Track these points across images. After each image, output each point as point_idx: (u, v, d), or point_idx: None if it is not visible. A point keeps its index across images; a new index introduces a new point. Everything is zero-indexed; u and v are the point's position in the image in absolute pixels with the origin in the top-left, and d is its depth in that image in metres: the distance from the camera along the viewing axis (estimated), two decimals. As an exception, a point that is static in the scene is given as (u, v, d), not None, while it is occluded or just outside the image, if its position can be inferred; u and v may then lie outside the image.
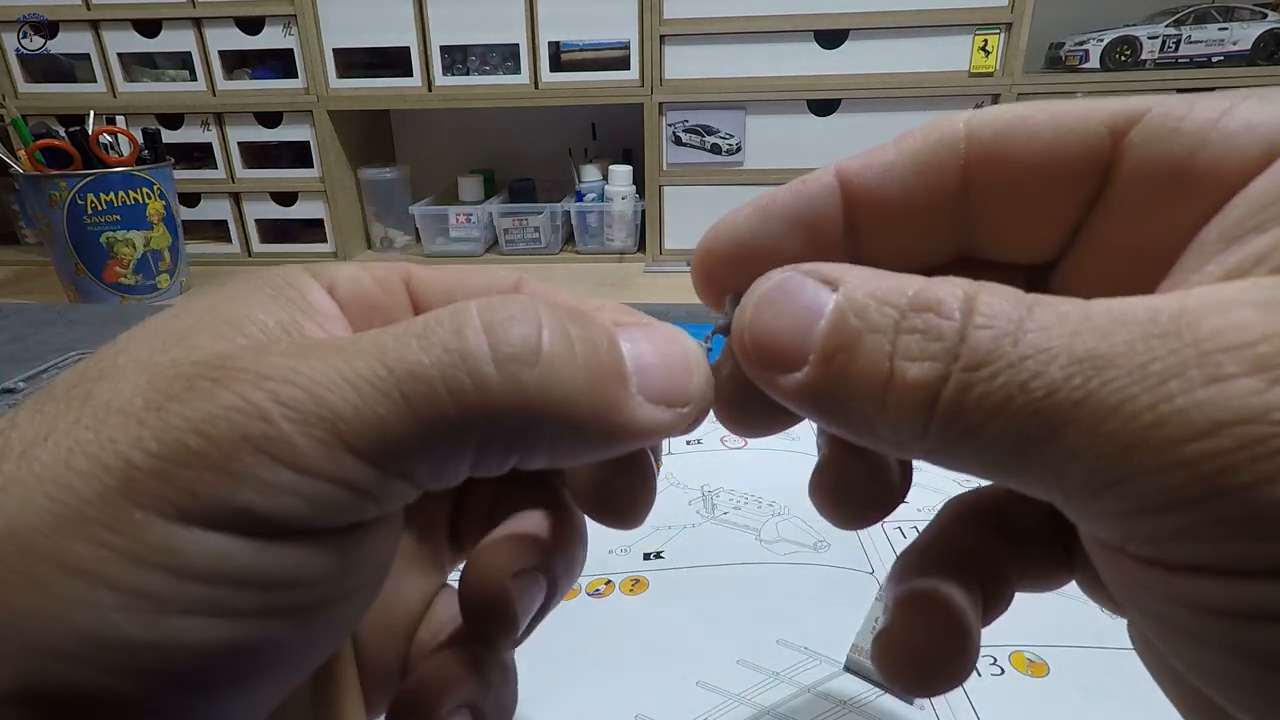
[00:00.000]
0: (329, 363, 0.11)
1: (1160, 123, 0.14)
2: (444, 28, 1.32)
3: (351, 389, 0.11)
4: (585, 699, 0.31)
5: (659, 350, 0.14)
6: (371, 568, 0.13)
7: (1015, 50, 1.22)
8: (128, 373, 0.12)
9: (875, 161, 0.16)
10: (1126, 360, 0.10)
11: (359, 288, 0.16)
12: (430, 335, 0.12)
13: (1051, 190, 0.15)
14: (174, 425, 0.10)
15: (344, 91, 1.39)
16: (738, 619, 0.35)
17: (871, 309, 0.12)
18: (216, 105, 1.42)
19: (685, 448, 0.50)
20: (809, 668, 0.32)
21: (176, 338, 0.13)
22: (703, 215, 1.37)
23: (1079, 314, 0.11)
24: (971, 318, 0.11)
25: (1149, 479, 0.10)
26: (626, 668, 0.32)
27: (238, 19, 1.36)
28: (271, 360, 0.11)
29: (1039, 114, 0.15)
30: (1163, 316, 0.10)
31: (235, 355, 0.11)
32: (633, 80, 1.31)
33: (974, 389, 0.11)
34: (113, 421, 0.11)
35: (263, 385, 0.11)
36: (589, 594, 0.37)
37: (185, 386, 0.11)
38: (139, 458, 0.10)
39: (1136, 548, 0.11)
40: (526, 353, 0.12)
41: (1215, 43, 1.21)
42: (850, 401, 0.12)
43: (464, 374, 0.12)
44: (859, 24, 1.24)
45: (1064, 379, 0.10)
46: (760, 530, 0.41)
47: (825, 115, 1.31)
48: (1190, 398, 0.09)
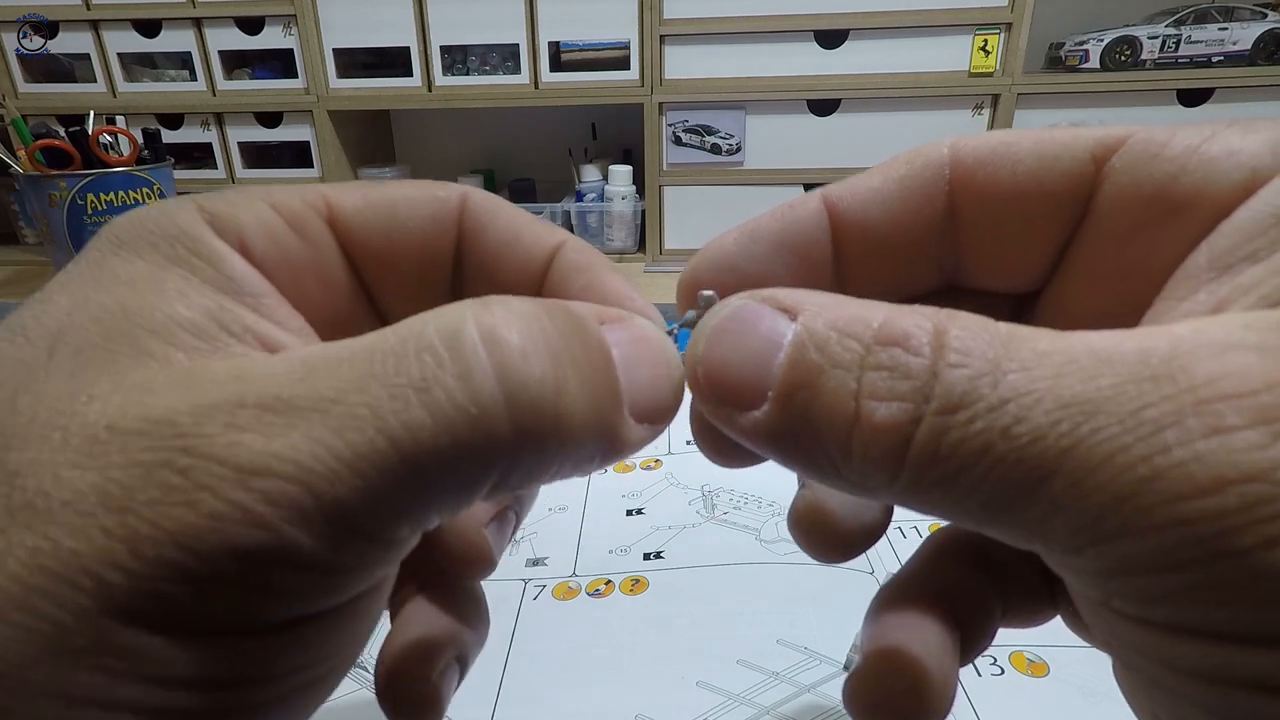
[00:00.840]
0: (316, 437, 0.09)
1: (1142, 148, 0.13)
2: (444, 28, 1.32)
3: (353, 474, 0.10)
4: (585, 699, 0.31)
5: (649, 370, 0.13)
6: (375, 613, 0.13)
7: (1015, 50, 1.22)
8: (48, 433, 0.10)
9: (861, 187, 0.15)
10: (1117, 406, 0.09)
11: (276, 243, 0.14)
12: (431, 386, 0.10)
13: (1035, 215, 0.15)
14: (149, 536, 0.09)
15: (344, 91, 1.39)
16: (738, 619, 0.35)
17: (833, 342, 0.11)
18: (216, 105, 1.42)
19: (685, 448, 0.50)
20: (809, 668, 0.32)
21: (90, 363, 0.10)
22: (703, 215, 1.37)
23: (1061, 353, 0.10)
24: (944, 354, 0.10)
25: (1141, 537, 0.09)
26: (626, 668, 0.32)
27: (238, 19, 1.36)
28: (246, 442, 0.09)
29: (1023, 140, 0.14)
30: (1153, 358, 0.09)
31: (193, 428, 0.09)
32: (633, 80, 1.31)
33: (949, 433, 0.10)
34: (63, 523, 0.09)
35: (248, 485, 0.09)
36: (589, 594, 0.37)
37: (147, 479, 0.09)
38: (116, 577, 0.09)
39: (1122, 604, 0.10)
40: (545, 401, 0.11)
41: (1215, 43, 1.21)
42: (813, 444, 0.11)
43: (479, 434, 0.10)
44: (859, 24, 1.24)
45: (1049, 425, 0.09)
46: (760, 530, 0.41)
47: (825, 115, 1.31)
48: (1189, 450, 0.09)
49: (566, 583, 0.38)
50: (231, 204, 0.14)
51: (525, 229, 0.16)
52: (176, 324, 0.11)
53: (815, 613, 0.35)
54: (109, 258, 0.12)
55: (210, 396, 0.10)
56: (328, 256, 0.15)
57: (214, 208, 0.13)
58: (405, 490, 0.10)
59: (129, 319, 0.11)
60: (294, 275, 0.14)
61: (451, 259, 0.16)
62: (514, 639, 0.34)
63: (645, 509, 0.44)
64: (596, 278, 0.16)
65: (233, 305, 0.12)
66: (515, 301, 0.12)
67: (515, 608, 0.36)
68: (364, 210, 0.15)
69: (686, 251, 1.37)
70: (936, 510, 0.11)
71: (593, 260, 0.16)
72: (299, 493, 0.09)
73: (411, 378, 0.10)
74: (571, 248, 0.16)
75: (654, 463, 0.49)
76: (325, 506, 0.09)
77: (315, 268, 0.14)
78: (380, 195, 0.15)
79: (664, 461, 0.49)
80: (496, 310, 0.11)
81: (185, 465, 0.09)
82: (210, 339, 0.11)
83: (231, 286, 0.13)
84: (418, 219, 0.15)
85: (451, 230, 0.15)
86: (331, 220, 0.15)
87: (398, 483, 0.10)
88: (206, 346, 0.11)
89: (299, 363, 0.10)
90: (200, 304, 0.12)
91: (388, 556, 0.11)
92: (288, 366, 0.10)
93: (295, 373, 0.10)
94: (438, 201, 0.15)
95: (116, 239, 0.12)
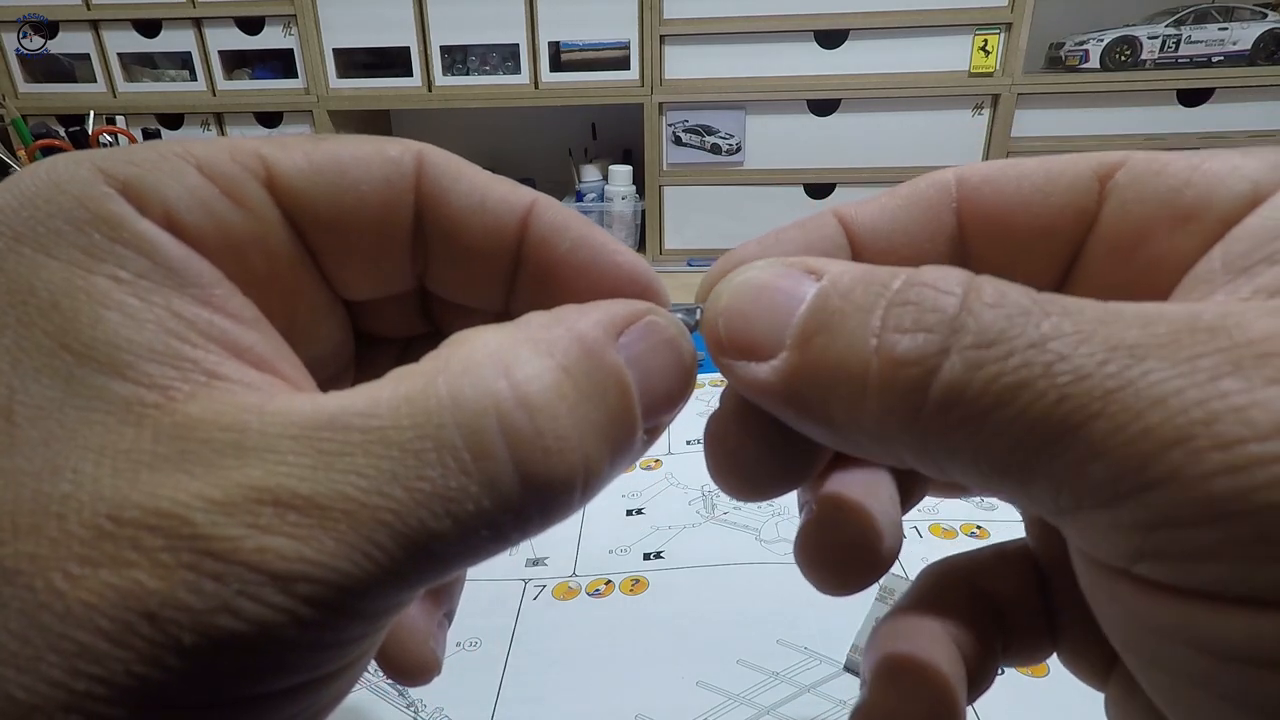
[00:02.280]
0: (349, 543, 0.09)
1: (1144, 166, 0.14)
2: (444, 28, 1.32)
3: (382, 580, 0.09)
4: (585, 699, 0.31)
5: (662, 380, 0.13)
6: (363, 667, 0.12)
7: (1015, 50, 1.22)
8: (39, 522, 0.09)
9: (871, 206, 0.16)
10: (1170, 353, 0.09)
11: (211, 216, 0.12)
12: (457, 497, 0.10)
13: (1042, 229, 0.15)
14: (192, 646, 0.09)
15: (344, 91, 1.39)
16: (738, 619, 0.35)
17: (858, 289, 0.11)
18: (216, 105, 1.42)
19: (685, 447, 0.50)
20: (809, 668, 0.32)
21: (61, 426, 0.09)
22: (703, 215, 1.37)
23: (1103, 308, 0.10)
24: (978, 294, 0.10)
25: (1187, 485, 0.08)
26: (626, 668, 0.32)
27: (238, 19, 1.36)
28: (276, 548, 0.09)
29: (1026, 163, 0.15)
30: (1204, 317, 0.09)
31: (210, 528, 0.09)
32: (633, 80, 1.31)
33: (984, 368, 0.10)
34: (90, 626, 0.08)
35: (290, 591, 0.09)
36: (589, 594, 0.37)
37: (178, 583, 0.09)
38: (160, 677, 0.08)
39: (1148, 568, 0.09)
40: (572, 486, 0.10)
41: (1215, 43, 1.21)
42: (827, 390, 0.11)
43: (503, 537, 0.10)
44: (859, 24, 1.24)
45: (1097, 365, 0.09)
46: (760, 530, 0.41)
47: (825, 115, 1.31)
48: (1249, 397, 0.08)
49: (566, 583, 0.38)
50: (146, 167, 0.11)
51: (490, 190, 0.14)
52: (133, 353, 0.10)
53: (815, 613, 0.35)
54: (11, 262, 0.10)
55: (216, 485, 0.09)
56: (270, 227, 0.13)
57: (124, 173, 0.11)
58: (425, 579, 0.10)
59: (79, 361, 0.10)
60: (235, 253, 0.12)
61: (410, 225, 0.14)
62: (514, 639, 0.34)
63: (645, 509, 0.44)
64: (580, 237, 0.15)
65: (184, 306, 0.11)
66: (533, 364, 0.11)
67: (515, 608, 0.36)
68: (308, 172, 0.13)
69: (687, 251, 1.37)
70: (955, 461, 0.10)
71: (570, 218, 0.15)
72: (338, 596, 0.09)
73: (435, 485, 0.10)
74: (545, 207, 0.15)
75: (654, 463, 0.49)
76: (361, 606, 0.09)
77: (257, 241, 0.13)
78: (326, 154, 0.13)
79: (664, 461, 0.49)
80: (518, 391, 0.10)
81: (218, 571, 0.09)
82: (174, 362, 0.10)
83: (173, 279, 0.11)
84: (370, 182, 0.13)
85: (408, 194, 0.14)
86: (270, 183, 0.13)
87: (420, 575, 0.10)
88: (174, 374, 0.10)
89: (305, 440, 0.10)
90: (149, 316, 0.10)
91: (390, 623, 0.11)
92: (293, 444, 0.09)
93: (305, 457, 0.09)
94: (390, 162, 0.14)
95: (11, 233, 0.10)
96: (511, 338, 0.11)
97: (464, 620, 0.36)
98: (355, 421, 0.10)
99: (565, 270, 0.15)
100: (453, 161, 0.14)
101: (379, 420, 0.10)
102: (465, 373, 0.10)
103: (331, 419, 0.10)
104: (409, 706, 0.31)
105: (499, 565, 0.41)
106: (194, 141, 0.12)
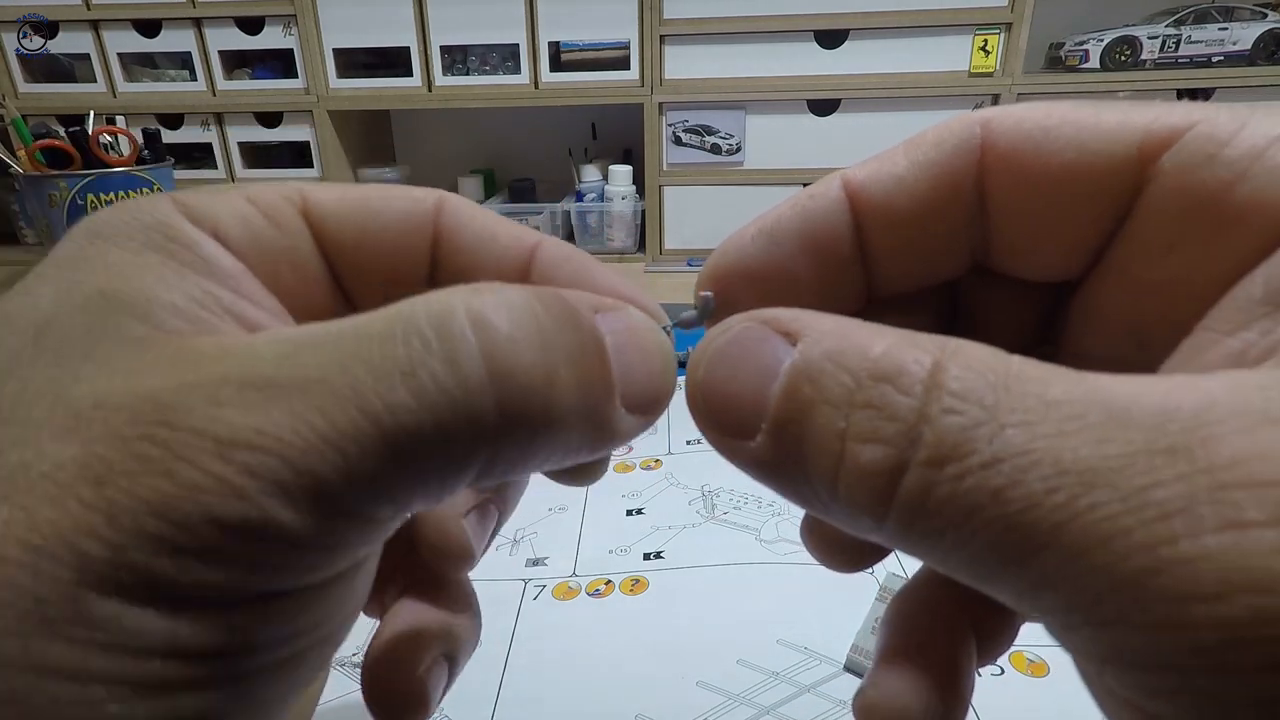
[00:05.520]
0: (297, 413, 0.09)
1: (1199, 146, 0.12)
2: (444, 28, 1.32)
3: (334, 450, 0.09)
4: (585, 699, 0.31)
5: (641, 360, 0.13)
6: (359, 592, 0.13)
7: (1015, 50, 1.22)
8: (32, 410, 0.10)
9: (884, 172, 0.15)
10: (1123, 480, 0.08)
11: (250, 231, 0.14)
12: (417, 370, 0.10)
13: (1071, 212, 0.13)
14: (126, 507, 0.09)
15: (344, 91, 1.39)
16: (738, 619, 0.35)
17: (827, 375, 0.11)
18: (216, 105, 1.42)
19: (685, 447, 0.50)
20: (809, 668, 0.32)
21: (76, 349, 0.10)
22: (703, 215, 1.37)
23: (1071, 404, 0.09)
24: (937, 396, 0.10)
25: (1136, 633, 0.08)
26: (626, 668, 0.32)
27: (238, 19, 1.36)
28: (227, 416, 0.09)
29: (1063, 127, 0.13)
30: (1173, 424, 0.08)
31: (175, 403, 0.10)
32: (633, 80, 1.31)
33: (938, 487, 0.09)
34: (41, 494, 0.09)
35: (228, 456, 0.09)
36: (589, 594, 0.37)
37: (127, 453, 0.09)
38: (93, 548, 0.09)
39: (1115, 686, 0.09)
40: (533, 388, 0.11)
41: (1215, 43, 1.21)
42: (803, 481, 0.11)
43: (463, 420, 0.10)
44: (859, 24, 1.24)
45: (1044, 493, 0.09)
46: (760, 530, 0.41)
47: (825, 115, 1.31)
48: (1197, 544, 0.08)
49: (566, 583, 0.38)
50: (207, 197, 0.14)
51: (501, 228, 0.16)
52: (158, 306, 0.11)
53: (815, 613, 0.35)
54: (86, 248, 0.12)
55: (194, 374, 0.10)
56: (302, 246, 0.15)
57: (189, 200, 0.14)
58: (386, 470, 0.10)
59: (111, 304, 0.11)
60: (268, 262, 0.14)
61: (428, 258, 0.16)
62: (514, 639, 0.34)
63: (645, 509, 0.44)
64: (582, 267, 0.16)
65: (211, 286, 0.12)
66: (508, 289, 0.11)
67: (515, 608, 0.36)
68: (338, 204, 0.15)
69: (687, 251, 1.37)
70: (927, 561, 0.11)
71: (573, 252, 0.16)
72: (278, 466, 0.09)
73: (397, 360, 0.10)
74: (552, 243, 0.16)
75: (654, 463, 0.49)
76: (304, 481, 0.09)
77: (289, 256, 0.15)
78: (357, 192, 0.15)
79: (664, 461, 0.49)
80: (487, 296, 0.11)
81: (164, 437, 0.09)
82: (192, 320, 0.11)
83: (208, 269, 0.13)
84: (392, 213, 0.15)
85: (427, 227, 0.16)
86: (306, 212, 0.15)
87: (379, 462, 0.10)
88: (189, 327, 0.11)
89: (284, 341, 0.11)
90: (179, 286, 0.12)
91: (369, 535, 0.11)
92: (272, 345, 0.10)
93: (280, 350, 0.10)
94: (413, 200, 0.16)
95: (93, 232, 0.12)
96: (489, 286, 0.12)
97: (464, 620, 0.35)
98: (333, 326, 0.11)
99: None
100: (468, 204, 0.16)
101: (353, 323, 0.10)
102: (441, 293, 0.11)
103: (311, 328, 0.11)
104: (409, 706, 0.31)
105: (499, 565, 0.41)
106: (252, 184, 0.15)
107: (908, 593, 0.16)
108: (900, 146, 0.15)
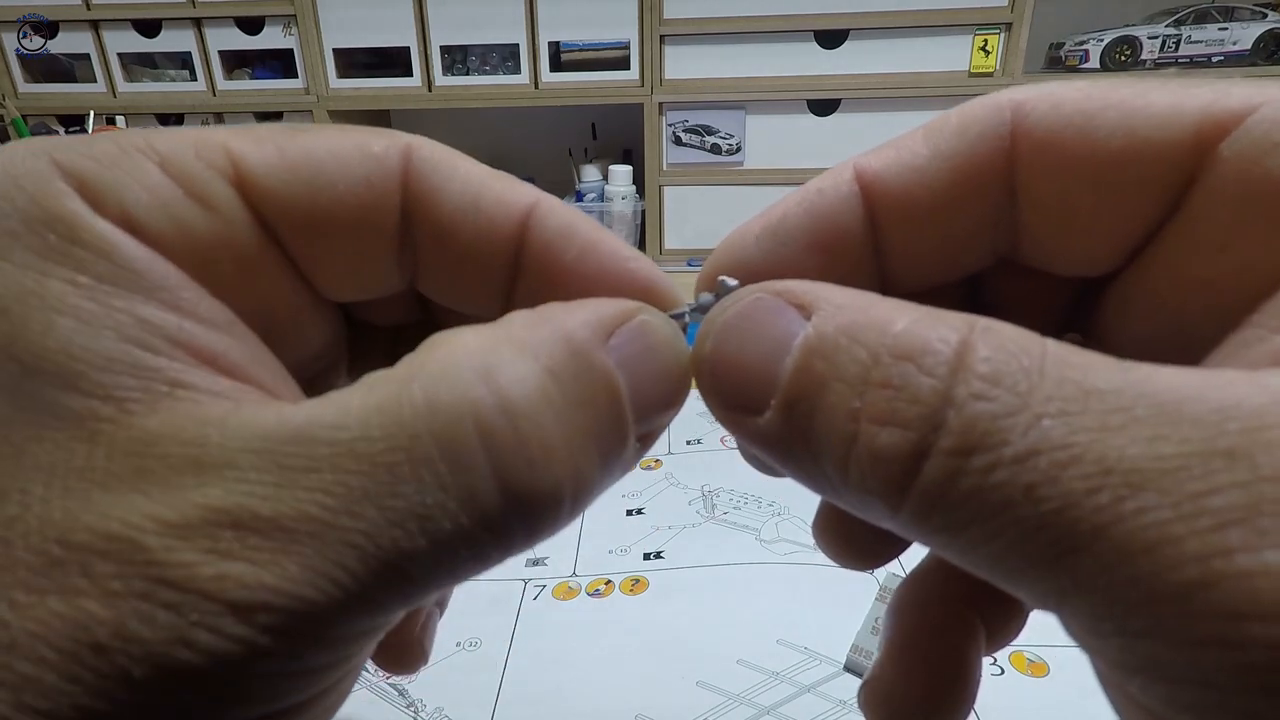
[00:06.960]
0: (315, 569, 0.09)
1: (1263, 132, 0.10)
2: (444, 28, 1.32)
3: (359, 602, 0.09)
4: (585, 699, 0.31)
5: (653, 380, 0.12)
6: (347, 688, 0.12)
7: (1015, 50, 1.22)
8: None
9: (902, 162, 0.13)
10: (1175, 484, 0.08)
11: (172, 217, 0.11)
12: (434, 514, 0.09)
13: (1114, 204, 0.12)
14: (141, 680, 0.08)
15: (344, 91, 1.39)
16: (738, 619, 0.35)
17: (842, 350, 0.10)
18: (216, 105, 1.42)
19: (685, 448, 0.50)
20: (809, 668, 0.32)
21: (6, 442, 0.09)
22: (703, 215, 1.37)
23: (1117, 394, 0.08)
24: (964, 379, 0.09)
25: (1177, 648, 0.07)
26: (626, 668, 0.32)
27: (238, 19, 1.36)
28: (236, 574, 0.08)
29: (1108, 110, 0.11)
30: (1232, 423, 0.08)
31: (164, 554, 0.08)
32: (633, 80, 1.31)
33: (963, 478, 0.09)
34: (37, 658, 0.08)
35: (249, 620, 0.08)
36: (589, 594, 0.37)
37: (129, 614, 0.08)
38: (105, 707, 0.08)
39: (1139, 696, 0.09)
40: (560, 500, 0.10)
41: (1215, 43, 1.21)
42: (813, 461, 0.10)
43: (483, 554, 0.10)
44: (859, 24, 1.24)
45: (1085, 493, 0.08)
46: (760, 530, 0.41)
47: (825, 115, 1.31)
48: (1256, 559, 0.07)
49: (566, 583, 0.38)
50: (106, 163, 0.10)
51: (486, 190, 0.13)
52: (85, 364, 0.09)
53: (815, 613, 0.35)
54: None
55: (172, 506, 0.09)
56: (239, 229, 0.12)
57: (82, 169, 0.10)
58: (399, 603, 0.09)
59: (25, 369, 0.09)
60: (201, 257, 0.11)
61: (395, 227, 0.13)
62: (514, 639, 0.34)
63: (645, 509, 0.44)
64: (588, 243, 0.14)
65: (148, 310, 0.10)
66: (516, 367, 0.10)
67: (515, 608, 0.36)
68: (280, 170, 0.12)
69: (687, 251, 1.37)
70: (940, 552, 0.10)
71: (575, 221, 0.14)
72: (301, 624, 0.09)
73: (409, 502, 0.09)
74: (547, 210, 0.14)
75: (654, 463, 0.49)
76: (329, 633, 0.09)
77: (225, 244, 0.12)
78: (300, 150, 0.12)
79: (664, 461, 0.49)
80: (500, 396, 0.10)
81: (171, 600, 0.08)
82: (134, 371, 0.09)
83: (135, 282, 0.10)
84: (348, 180, 0.12)
85: (394, 194, 0.13)
86: (239, 182, 0.12)
87: (394, 597, 0.09)
88: (132, 384, 0.09)
89: (267, 454, 0.09)
90: (106, 323, 0.09)
91: (372, 645, 0.11)
92: (256, 460, 0.09)
93: (267, 472, 0.09)
94: (373, 159, 0.12)
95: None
96: (493, 339, 0.10)
97: (464, 620, 0.35)
98: (322, 434, 0.09)
99: (572, 279, 0.13)
100: (446, 157, 0.13)
101: (348, 432, 0.09)
102: (442, 377, 0.09)
103: (297, 432, 0.09)
104: (409, 707, 0.31)
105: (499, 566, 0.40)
106: (158, 133, 0.11)
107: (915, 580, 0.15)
108: (919, 132, 0.13)
